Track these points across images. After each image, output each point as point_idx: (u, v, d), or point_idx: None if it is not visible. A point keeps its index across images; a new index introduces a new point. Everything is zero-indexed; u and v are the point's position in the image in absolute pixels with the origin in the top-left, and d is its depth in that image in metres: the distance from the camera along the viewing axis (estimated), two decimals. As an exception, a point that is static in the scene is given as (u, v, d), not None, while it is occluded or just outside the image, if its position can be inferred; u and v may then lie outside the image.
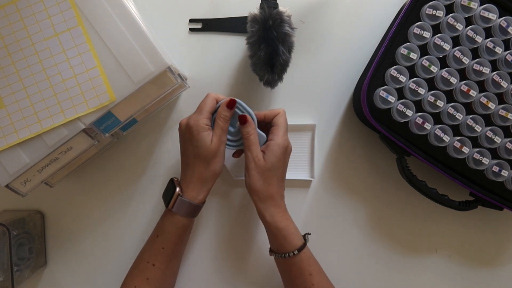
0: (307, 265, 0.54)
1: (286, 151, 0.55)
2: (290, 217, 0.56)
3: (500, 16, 0.56)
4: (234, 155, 0.60)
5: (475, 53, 0.57)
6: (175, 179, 0.56)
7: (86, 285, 0.66)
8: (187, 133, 0.53)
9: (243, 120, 0.54)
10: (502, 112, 0.57)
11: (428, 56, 0.57)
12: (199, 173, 0.53)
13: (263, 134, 0.56)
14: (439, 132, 0.57)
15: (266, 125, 0.57)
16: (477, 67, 0.56)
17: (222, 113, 0.54)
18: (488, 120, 0.58)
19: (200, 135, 0.52)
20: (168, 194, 0.55)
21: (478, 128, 0.57)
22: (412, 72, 0.57)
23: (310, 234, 0.57)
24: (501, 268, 0.67)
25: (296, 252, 0.53)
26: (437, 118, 0.58)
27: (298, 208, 0.66)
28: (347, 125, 0.66)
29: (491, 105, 0.57)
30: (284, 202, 0.56)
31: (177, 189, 0.53)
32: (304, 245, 0.54)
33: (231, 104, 0.54)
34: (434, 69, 0.56)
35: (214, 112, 0.55)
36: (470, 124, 0.57)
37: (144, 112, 0.59)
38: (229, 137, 0.55)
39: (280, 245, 0.54)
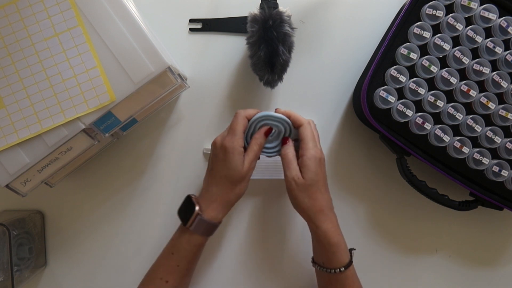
0: (350, 283, 0.54)
1: (320, 163, 0.53)
2: (341, 232, 0.55)
3: (500, 16, 0.56)
4: None
5: (475, 53, 0.57)
6: (193, 196, 0.55)
7: (86, 285, 0.66)
8: (220, 153, 0.53)
9: (283, 141, 0.56)
10: (502, 112, 0.57)
11: (428, 56, 0.57)
12: (225, 194, 0.53)
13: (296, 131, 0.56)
14: (439, 132, 0.57)
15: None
16: (477, 67, 0.56)
17: (258, 140, 0.55)
18: (488, 120, 0.58)
19: (235, 157, 0.52)
20: (186, 211, 0.54)
21: (478, 128, 0.57)
22: (412, 72, 0.57)
23: (355, 249, 0.56)
24: (501, 268, 0.67)
25: (342, 269, 0.53)
26: (437, 118, 0.58)
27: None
28: (347, 125, 0.66)
29: (491, 105, 0.57)
30: (334, 214, 0.55)
31: (197, 207, 0.53)
32: (350, 262, 0.54)
33: (268, 132, 0.55)
34: (434, 69, 0.56)
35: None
36: (470, 124, 0.57)
37: (144, 112, 0.59)
38: (266, 145, 0.56)
39: (328, 260, 0.54)
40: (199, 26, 0.66)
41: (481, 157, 0.58)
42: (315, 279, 0.59)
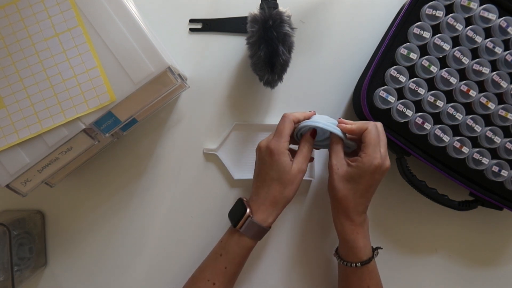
0: (367, 278, 0.54)
1: (375, 170, 0.51)
2: (364, 232, 0.54)
3: (499, 16, 0.56)
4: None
5: (475, 53, 0.57)
6: (244, 199, 0.56)
7: (86, 285, 0.66)
8: (266, 156, 0.53)
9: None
10: (502, 112, 0.57)
11: (428, 56, 0.57)
12: (273, 196, 0.53)
13: (352, 142, 0.55)
14: (439, 132, 0.57)
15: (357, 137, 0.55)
16: (477, 67, 0.57)
17: (308, 141, 0.54)
18: (487, 120, 0.58)
19: (281, 160, 0.52)
20: (237, 214, 0.54)
21: (477, 128, 0.57)
22: (412, 72, 0.57)
23: (381, 248, 0.56)
24: (501, 268, 0.67)
25: (359, 264, 0.53)
26: (437, 118, 0.58)
27: (298, 208, 0.66)
28: (347, 125, 0.66)
29: (491, 105, 0.57)
30: (360, 218, 0.54)
31: (248, 210, 0.53)
32: (370, 259, 0.54)
33: (314, 133, 0.55)
34: (434, 69, 0.56)
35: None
36: (470, 124, 0.57)
37: (144, 112, 0.59)
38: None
39: (346, 254, 0.55)
40: (199, 26, 0.66)
41: (480, 157, 0.58)
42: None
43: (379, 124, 0.53)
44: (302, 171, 0.53)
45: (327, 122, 0.54)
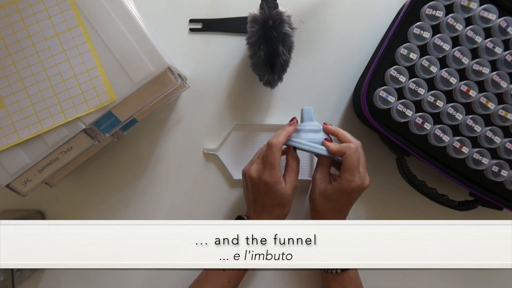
0: (348, 284, 0.55)
1: (352, 191, 0.53)
2: None
3: (499, 16, 0.56)
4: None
5: (474, 53, 0.57)
6: (245, 217, 0.58)
7: (86, 285, 0.66)
8: (262, 187, 0.54)
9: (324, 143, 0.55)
10: (502, 112, 0.57)
11: (428, 56, 0.57)
12: (276, 217, 0.55)
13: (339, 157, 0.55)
14: (438, 132, 0.57)
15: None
16: (476, 67, 0.57)
17: (294, 156, 0.56)
18: (487, 120, 0.58)
19: (278, 189, 0.53)
20: None
21: (477, 128, 0.57)
22: (412, 72, 0.57)
23: None
24: (501, 268, 0.67)
25: (339, 271, 0.55)
26: (437, 118, 0.58)
27: (298, 208, 0.66)
28: (347, 125, 0.66)
29: (491, 105, 0.57)
30: None
31: (244, 220, 0.56)
32: (348, 268, 0.55)
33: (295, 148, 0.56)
34: (433, 69, 0.56)
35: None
36: (470, 124, 0.57)
37: (144, 112, 0.59)
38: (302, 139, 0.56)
39: None
40: (199, 26, 0.66)
41: (480, 157, 0.58)
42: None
43: (359, 146, 0.54)
44: (295, 186, 0.55)
45: (312, 136, 0.55)
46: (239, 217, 0.58)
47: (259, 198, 0.55)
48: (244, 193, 0.60)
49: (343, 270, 0.55)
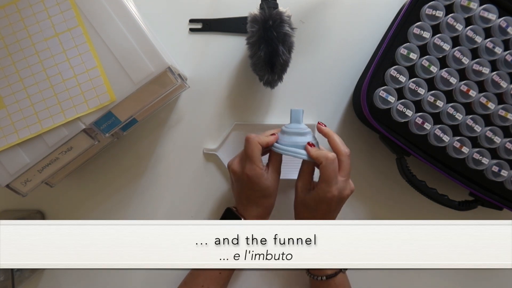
0: None
1: (330, 201, 0.52)
2: None
3: (499, 16, 0.56)
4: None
5: (474, 53, 0.57)
6: (234, 208, 0.58)
7: (86, 285, 0.66)
8: (245, 180, 0.55)
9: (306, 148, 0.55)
10: (502, 112, 0.57)
11: (428, 56, 0.57)
12: (264, 208, 0.56)
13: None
14: (438, 132, 0.57)
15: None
16: (476, 67, 0.57)
17: (276, 152, 0.56)
18: (487, 120, 0.58)
19: (261, 181, 0.54)
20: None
21: (477, 128, 0.57)
22: (412, 72, 0.57)
23: (345, 270, 0.57)
24: (501, 268, 0.67)
25: (324, 278, 0.55)
26: (437, 118, 0.58)
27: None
28: (347, 125, 0.66)
29: (491, 105, 0.57)
30: None
31: (242, 219, 0.56)
32: (336, 274, 0.55)
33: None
34: (433, 69, 0.56)
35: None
36: (470, 124, 0.57)
37: (144, 112, 0.59)
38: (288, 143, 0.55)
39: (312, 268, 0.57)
40: (199, 26, 0.66)
41: (480, 157, 0.58)
42: None
43: (345, 155, 0.53)
44: (278, 178, 0.56)
45: (296, 140, 0.54)
46: (228, 209, 0.58)
47: (244, 191, 0.56)
48: (231, 186, 0.61)
49: (328, 277, 0.55)
